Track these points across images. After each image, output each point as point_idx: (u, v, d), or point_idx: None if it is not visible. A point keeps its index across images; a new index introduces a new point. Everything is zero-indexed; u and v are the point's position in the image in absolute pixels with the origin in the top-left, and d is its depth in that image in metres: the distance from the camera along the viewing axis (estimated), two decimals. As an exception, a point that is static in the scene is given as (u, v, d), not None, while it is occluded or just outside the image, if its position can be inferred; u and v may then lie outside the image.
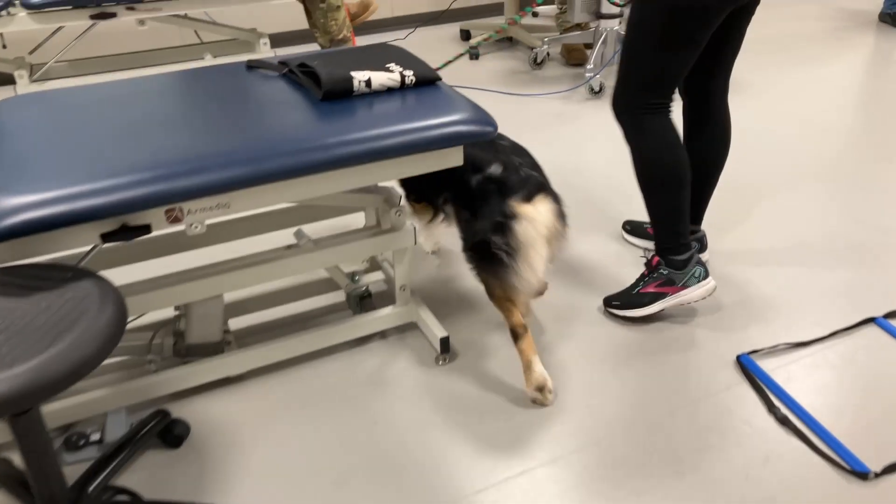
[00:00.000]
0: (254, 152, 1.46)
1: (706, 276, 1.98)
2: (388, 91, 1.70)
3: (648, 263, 2.03)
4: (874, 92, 3.56)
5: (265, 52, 3.26)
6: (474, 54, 4.05)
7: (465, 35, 4.35)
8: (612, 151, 3.00)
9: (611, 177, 2.80)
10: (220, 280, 1.70)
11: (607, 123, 3.21)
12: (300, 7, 3.24)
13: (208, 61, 3.18)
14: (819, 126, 3.21)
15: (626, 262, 2.30)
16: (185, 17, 3.13)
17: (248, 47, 3.35)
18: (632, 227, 2.41)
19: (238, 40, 3.37)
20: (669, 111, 1.89)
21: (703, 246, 2.25)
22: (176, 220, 1.44)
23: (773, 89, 3.59)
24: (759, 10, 1.93)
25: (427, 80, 1.73)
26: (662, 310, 2.02)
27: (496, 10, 4.73)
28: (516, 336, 1.75)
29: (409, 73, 1.71)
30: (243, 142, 1.49)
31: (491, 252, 1.68)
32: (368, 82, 1.67)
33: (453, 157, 1.67)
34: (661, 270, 2.00)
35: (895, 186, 2.72)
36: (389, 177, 1.63)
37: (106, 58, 3.28)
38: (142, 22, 2.87)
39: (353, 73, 1.67)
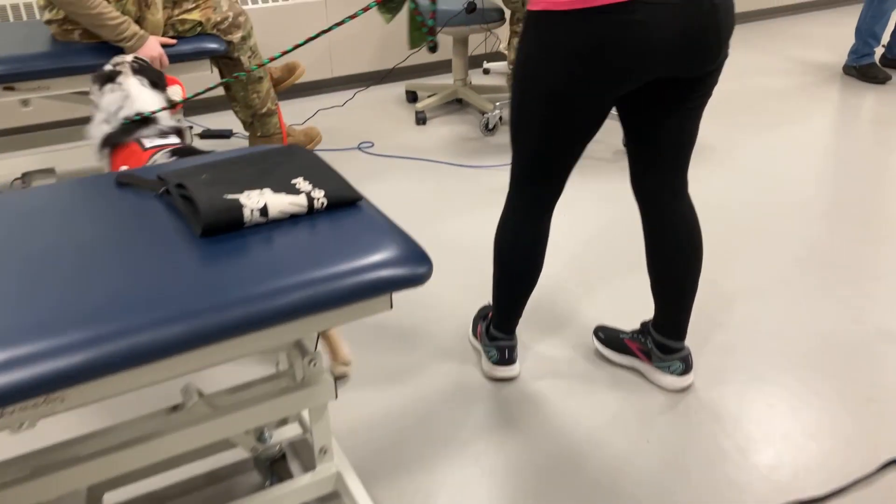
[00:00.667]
0: (96, 328, 1.06)
1: (498, 361, 1.96)
2: (292, 219, 1.32)
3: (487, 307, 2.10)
4: (849, 155, 3.30)
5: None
6: (421, 119, 3.72)
7: (412, 97, 4.02)
8: (575, 235, 2.66)
9: (579, 270, 2.45)
10: (81, 471, 1.28)
11: (568, 201, 2.88)
12: (216, 73, 2.86)
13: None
14: (794, 200, 2.91)
15: (601, 385, 1.94)
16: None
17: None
18: (606, 337, 2.05)
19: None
20: (550, 203, 1.78)
21: (687, 366, 1.90)
22: (-17, 427, 1.04)
23: (739, 155, 3.31)
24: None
25: (343, 202, 1.36)
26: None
27: (444, 68, 4.42)
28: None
29: (319, 195, 1.33)
30: (83, 311, 1.09)
31: None
32: (264, 210, 1.29)
33: (378, 306, 1.29)
34: (479, 323, 2.06)
35: (886, 274, 2.42)
36: (286, 339, 1.25)
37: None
38: (25, 103, 2.45)
39: (245, 198, 1.29)
